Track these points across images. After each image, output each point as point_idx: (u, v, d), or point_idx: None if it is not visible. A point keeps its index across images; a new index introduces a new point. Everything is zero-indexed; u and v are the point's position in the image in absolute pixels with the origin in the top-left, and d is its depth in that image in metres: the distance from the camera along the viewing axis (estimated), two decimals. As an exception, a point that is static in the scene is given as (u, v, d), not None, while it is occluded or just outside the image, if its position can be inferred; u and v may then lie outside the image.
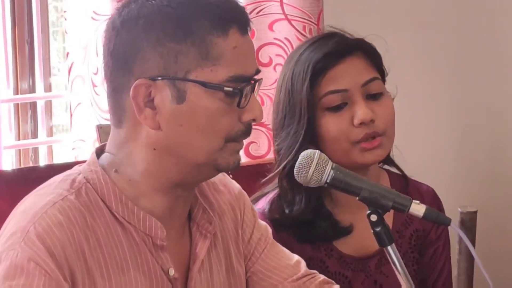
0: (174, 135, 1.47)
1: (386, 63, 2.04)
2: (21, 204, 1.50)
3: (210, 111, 1.46)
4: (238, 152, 1.53)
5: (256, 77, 1.52)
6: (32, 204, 1.46)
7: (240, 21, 1.49)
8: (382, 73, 2.01)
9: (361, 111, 1.91)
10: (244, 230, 1.71)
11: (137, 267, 1.48)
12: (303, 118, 1.92)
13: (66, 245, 1.41)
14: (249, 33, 1.51)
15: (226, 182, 1.71)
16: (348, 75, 1.93)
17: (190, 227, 1.59)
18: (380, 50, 2.02)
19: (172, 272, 1.52)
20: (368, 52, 1.97)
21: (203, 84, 1.45)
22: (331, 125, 1.92)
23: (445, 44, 3.23)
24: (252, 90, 1.51)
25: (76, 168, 1.54)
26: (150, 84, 1.45)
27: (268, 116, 2.68)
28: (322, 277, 1.76)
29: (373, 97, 1.95)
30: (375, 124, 1.92)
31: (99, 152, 1.55)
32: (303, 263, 1.75)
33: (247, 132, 1.52)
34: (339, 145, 1.91)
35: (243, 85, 1.47)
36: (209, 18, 1.46)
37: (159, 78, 1.45)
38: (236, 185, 1.74)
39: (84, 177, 1.50)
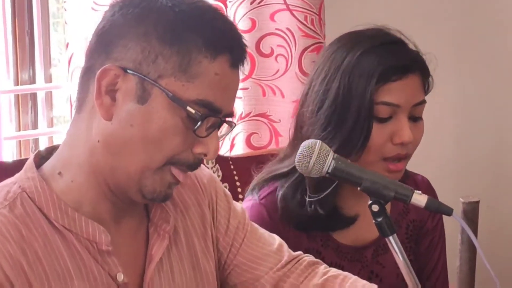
0: (121, 133, 1.41)
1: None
2: None
3: (165, 124, 1.40)
4: (170, 186, 1.46)
5: (228, 120, 1.46)
6: None
7: (235, 53, 1.44)
8: (426, 92, 1.98)
9: (407, 132, 1.87)
10: (219, 221, 1.66)
11: (81, 276, 1.43)
12: (363, 122, 1.86)
13: (2, 262, 1.36)
14: (240, 71, 1.46)
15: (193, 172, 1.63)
16: (405, 92, 1.89)
17: (148, 228, 1.54)
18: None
19: (120, 277, 1.46)
20: (424, 73, 1.94)
21: (169, 95, 1.39)
22: (372, 134, 1.87)
23: (449, 34, 3.22)
24: (218, 126, 1.45)
25: (15, 176, 1.48)
26: (120, 74, 1.40)
27: (270, 106, 2.68)
28: (307, 259, 1.72)
29: (414, 118, 1.92)
30: (409, 147, 1.90)
31: (45, 154, 1.50)
32: (285, 247, 1.72)
33: (192, 166, 1.45)
34: (367, 155, 1.88)
35: (208, 113, 1.41)
36: (205, 36, 1.41)
37: (131, 71, 1.40)
38: (205, 173, 1.68)
39: (20, 186, 1.44)
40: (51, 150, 1.51)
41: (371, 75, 1.86)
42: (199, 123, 1.40)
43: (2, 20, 2.57)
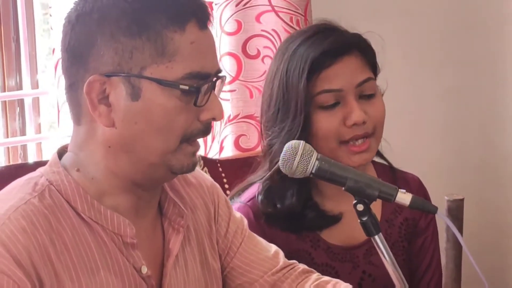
0: (128, 133, 1.43)
1: (381, 53, 2.02)
2: None
3: (166, 109, 1.42)
4: (194, 154, 1.49)
5: (218, 75, 1.48)
6: None
7: (199, 15, 1.45)
8: (375, 69, 2.00)
9: (355, 113, 1.90)
10: (219, 223, 1.69)
11: (107, 267, 1.45)
12: (299, 116, 1.90)
13: (32, 251, 1.37)
14: (210, 28, 1.47)
15: (197, 175, 1.68)
16: (344, 75, 1.92)
17: (162, 223, 1.57)
18: (375, 45, 2.01)
19: (144, 269, 1.49)
20: (364, 51, 1.96)
21: (158, 81, 1.41)
22: (323, 123, 1.91)
23: (434, 29, 3.22)
24: (213, 88, 1.47)
25: (38, 171, 1.50)
26: (105, 80, 1.42)
27: (258, 108, 2.68)
28: (301, 266, 1.75)
29: (365, 97, 1.94)
30: (366, 126, 1.92)
31: (61, 151, 1.52)
32: (281, 254, 1.75)
33: (205, 131, 1.48)
34: (327, 143, 1.91)
35: (200, 83, 1.43)
36: (165, 11, 1.42)
37: (114, 74, 1.41)
38: (208, 178, 1.72)
39: (47, 179, 1.46)
40: (66, 147, 1.53)
41: (303, 68, 1.90)
42: (197, 96, 1.43)
43: (-13, 27, 2.56)
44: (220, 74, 1.49)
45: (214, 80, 1.47)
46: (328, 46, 1.91)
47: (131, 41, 1.41)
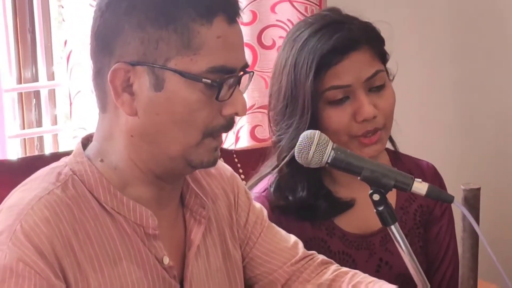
0: (150, 123, 1.43)
1: (391, 41, 2.01)
2: (7, 199, 1.46)
3: (188, 102, 1.42)
4: (215, 149, 1.49)
5: (246, 70, 1.48)
6: (18, 200, 1.42)
7: (228, 9, 1.44)
8: (384, 58, 1.98)
9: (365, 108, 1.89)
10: (239, 214, 1.69)
11: (129, 258, 1.46)
12: (307, 113, 1.89)
13: (54, 241, 1.38)
14: (238, 22, 1.46)
15: (217, 165, 1.66)
16: (352, 71, 1.90)
17: (184, 214, 1.57)
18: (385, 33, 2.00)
19: (166, 260, 1.50)
20: (372, 43, 1.94)
21: (182, 73, 1.41)
22: (333, 118, 1.91)
23: (451, 19, 3.21)
24: (237, 83, 1.46)
25: (62, 160, 1.51)
26: (129, 69, 1.42)
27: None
28: (320, 257, 1.75)
29: (375, 89, 1.93)
30: (376, 120, 1.91)
31: (85, 142, 1.53)
32: (300, 244, 1.75)
33: (227, 127, 1.48)
34: (337, 137, 1.89)
35: (224, 77, 1.42)
36: (194, 5, 1.41)
37: (138, 63, 1.42)
38: (227, 168, 1.72)
39: (71, 169, 1.47)
40: (90, 137, 1.54)
41: (310, 65, 1.88)
42: (219, 90, 1.42)
43: (3, 19, 2.57)
44: (246, 70, 1.48)
45: (239, 75, 1.46)
46: (336, 43, 1.89)
47: (158, 32, 1.41)
